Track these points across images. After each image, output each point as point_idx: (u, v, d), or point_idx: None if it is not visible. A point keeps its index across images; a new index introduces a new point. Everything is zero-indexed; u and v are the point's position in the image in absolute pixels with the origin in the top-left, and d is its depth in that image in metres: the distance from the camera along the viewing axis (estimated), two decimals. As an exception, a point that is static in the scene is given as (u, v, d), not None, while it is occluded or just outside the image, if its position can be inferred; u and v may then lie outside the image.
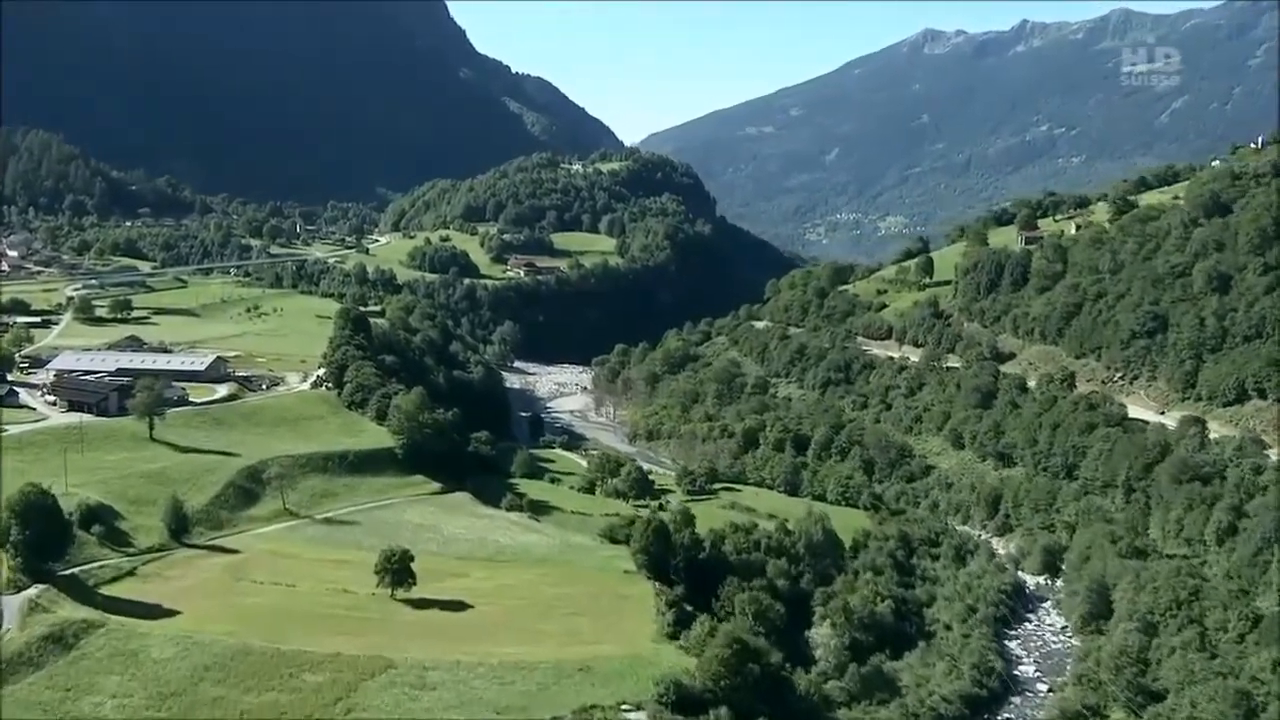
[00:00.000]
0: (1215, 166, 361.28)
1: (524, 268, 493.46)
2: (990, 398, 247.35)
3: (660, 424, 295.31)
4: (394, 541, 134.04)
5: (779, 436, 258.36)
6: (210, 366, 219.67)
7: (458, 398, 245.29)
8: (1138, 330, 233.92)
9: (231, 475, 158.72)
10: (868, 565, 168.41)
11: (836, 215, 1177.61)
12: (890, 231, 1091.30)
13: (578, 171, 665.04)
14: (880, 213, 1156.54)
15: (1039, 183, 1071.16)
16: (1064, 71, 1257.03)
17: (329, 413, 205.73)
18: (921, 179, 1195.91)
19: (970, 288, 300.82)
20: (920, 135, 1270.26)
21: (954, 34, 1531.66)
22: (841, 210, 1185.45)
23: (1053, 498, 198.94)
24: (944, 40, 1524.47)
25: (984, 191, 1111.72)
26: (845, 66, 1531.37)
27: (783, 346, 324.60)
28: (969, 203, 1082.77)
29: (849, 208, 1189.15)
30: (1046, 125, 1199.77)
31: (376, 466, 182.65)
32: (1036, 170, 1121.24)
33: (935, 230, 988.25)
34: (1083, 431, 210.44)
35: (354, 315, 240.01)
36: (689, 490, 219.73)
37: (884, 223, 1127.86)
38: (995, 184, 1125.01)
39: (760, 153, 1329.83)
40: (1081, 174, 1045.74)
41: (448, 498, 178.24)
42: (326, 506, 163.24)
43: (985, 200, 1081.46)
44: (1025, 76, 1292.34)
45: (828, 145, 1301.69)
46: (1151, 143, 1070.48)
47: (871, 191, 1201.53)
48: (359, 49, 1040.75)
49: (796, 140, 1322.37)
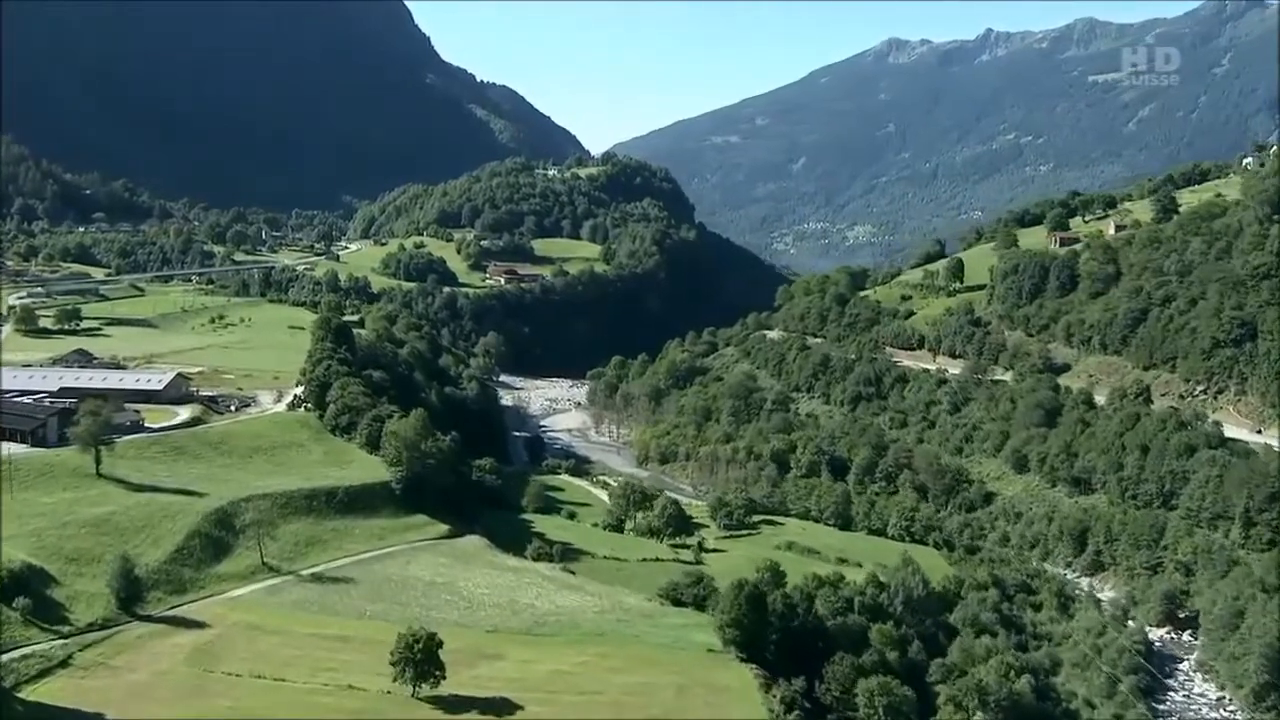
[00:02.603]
0: (1249, 164, 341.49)
1: (505, 275, 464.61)
2: (1054, 415, 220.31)
3: (674, 445, 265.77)
4: (402, 604, 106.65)
5: (812, 459, 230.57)
6: (170, 385, 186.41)
7: (452, 418, 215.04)
8: (1221, 338, 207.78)
9: (196, 522, 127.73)
10: (969, 621, 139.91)
11: (804, 224, 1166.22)
12: (858, 240, 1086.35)
13: (555, 176, 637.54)
14: (848, 222, 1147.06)
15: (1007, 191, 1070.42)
16: (1029, 80, 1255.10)
17: (311, 439, 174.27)
18: (888, 188, 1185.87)
19: (1010, 293, 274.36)
20: (886, 144, 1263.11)
21: (919, 43, 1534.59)
22: (809, 219, 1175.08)
23: (1158, 532, 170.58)
24: (909, 49, 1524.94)
25: (952, 200, 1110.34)
26: (811, 75, 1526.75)
27: (803, 358, 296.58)
28: (936, 211, 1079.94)
29: (816, 217, 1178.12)
30: (1013, 134, 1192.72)
31: (371, 505, 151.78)
32: (1004, 179, 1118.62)
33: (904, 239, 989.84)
34: (1180, 454, 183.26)
35: (335, 325, 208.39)
36: (725, 525, 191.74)
37: (852, 232, 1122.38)
38: (963, 193, 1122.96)
39: (726, 162, 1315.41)
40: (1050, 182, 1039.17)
41: (458, 544, 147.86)
42: (314, 558, 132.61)
43: (954, 209, 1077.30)
44: (990, 85, 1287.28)
45: (794, 154, 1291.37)
46: (1119, 150, 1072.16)
47: (839, 200, 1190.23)
48: (323, 54, 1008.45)
49: (763, 150, 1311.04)
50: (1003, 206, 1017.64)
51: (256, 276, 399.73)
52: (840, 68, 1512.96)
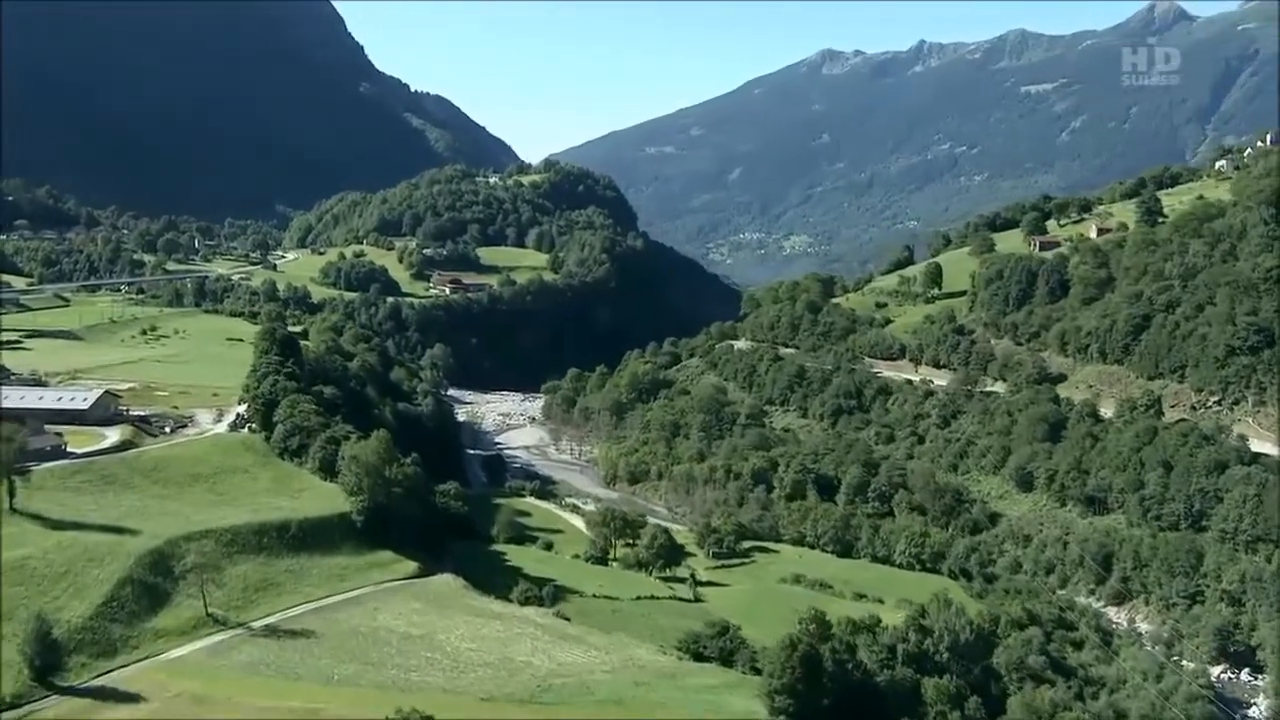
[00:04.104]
0: (1222, 166, 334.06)
1: (450, 285, 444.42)
2: (1058, 429, 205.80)
3: (643, 463, 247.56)
4: (375, 664, 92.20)
5: (797, 479, 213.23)
6: (96, 404, 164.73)
7: (408, 437, 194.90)
8: (1237, 346, 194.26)
9: (128, 566, 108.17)
10: (1014, 665, 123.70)
11: (740, 235, 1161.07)
12: (795, 250, 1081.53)
13: (497, 184, 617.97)
14: (784, 232, 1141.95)
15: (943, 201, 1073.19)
16: (963, 91, 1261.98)
17: (256, 464, 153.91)
18: (824, 198, 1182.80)
19: (995, 300, 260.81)
20: (821, 154, 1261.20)
21: (852, 54, 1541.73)
22: (745, 230, 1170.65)
23: (1195, 558, 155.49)
24: (842, 60, 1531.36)
25: (887, 210, 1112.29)
26: (745, 86, 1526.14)
27: (776, 370, 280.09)
28: (873, 221, 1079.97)
29: (752, 227, 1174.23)
30: (948, 144, 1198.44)
31: (328, 540, 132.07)
32: (940, 188, 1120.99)
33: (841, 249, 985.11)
34: (1209, 471, 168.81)
35: (281, 336, 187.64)
36: (715, 553, 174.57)
37: (788, 242, 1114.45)
38: (899, 202, 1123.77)
39: (662, 173, 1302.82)
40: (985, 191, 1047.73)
41: (431, 585, 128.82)
42: (266, 606, 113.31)
43: (889, 219, 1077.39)
44: (924, 96, 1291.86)
45: (729, 165, 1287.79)
46: (1052, 161, 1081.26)
47: (774, 211, 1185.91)
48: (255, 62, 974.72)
49: (698, 160, 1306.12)
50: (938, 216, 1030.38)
51: (190, 286, 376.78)
52: (774, 78, 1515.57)
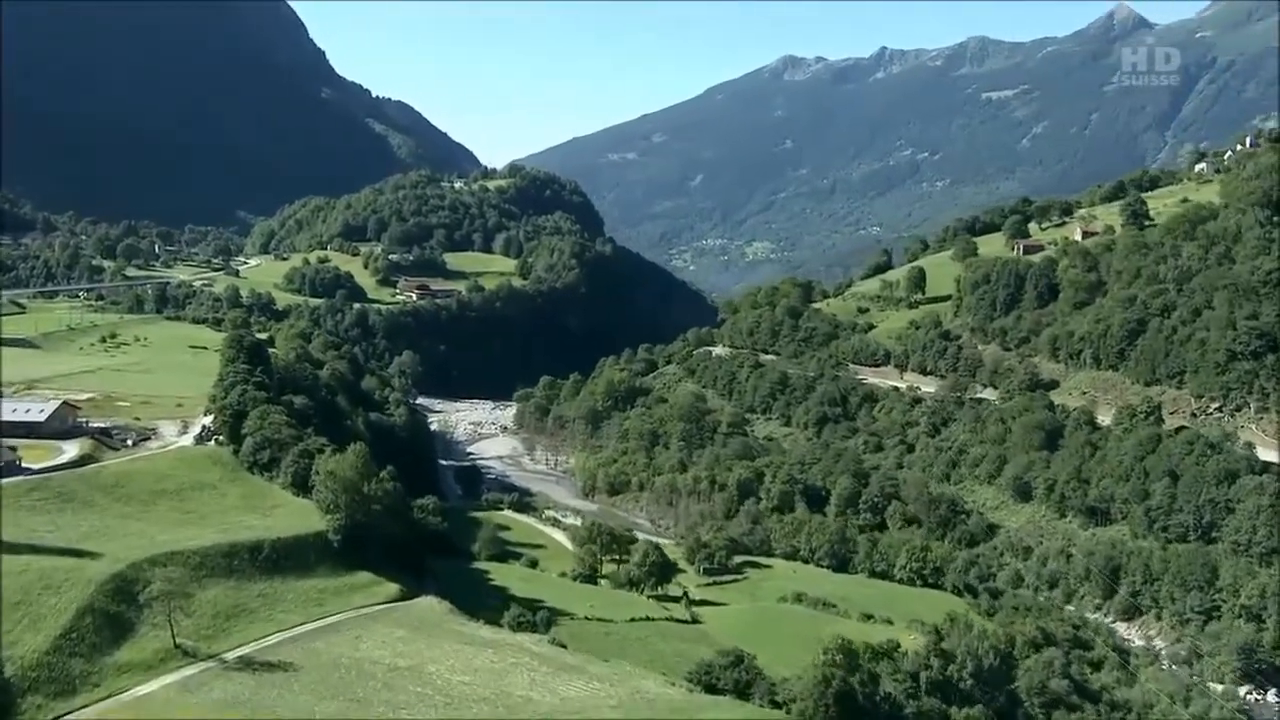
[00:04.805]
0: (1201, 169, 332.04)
1: (417, 290, 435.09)
2: (1054, 437, 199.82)
3: (623, 474, 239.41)
4: (360, 701, 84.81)
5: (784, 490, 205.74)
6: (54, 416, 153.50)
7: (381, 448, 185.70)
8: (1238, 351, 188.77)
9: (89, 594, 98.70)
10: (1036, 689, 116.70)
11: (702, 241, 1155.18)
12: (758, 257, 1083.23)
13: (463, 188, 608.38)
14: (746, 238, 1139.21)
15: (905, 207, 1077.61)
16: (924, 97, 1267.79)
17: (225, 479, 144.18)
18: (786, 204, 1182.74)
19: (982, 304, 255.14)
20: (783, 160, 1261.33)
21: (814, 60, 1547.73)
22: (707, 236, 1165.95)
23: (1210, 572, 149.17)
24: (804, 67, 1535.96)
25: (850, 216, 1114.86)
26: (707, 92, 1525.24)
27: (757, 377, 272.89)
28: (835, 227, 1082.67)
29: (715, 233, 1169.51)
30: (910, 150, 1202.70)
31: (303, 562, 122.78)
32: (902, 194, 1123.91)
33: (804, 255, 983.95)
34: (1219, 481, 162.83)
35: (249, 343, 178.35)
36: (706, 569, 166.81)
37: (750, 248, 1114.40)
38: (861, 208, 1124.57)
39: (624, 179, 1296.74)
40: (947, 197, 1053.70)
41: (415, 609, 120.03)
42: (239, 635, 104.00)
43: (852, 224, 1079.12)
44: (886, 102, 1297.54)
45: (691, 171, 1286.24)
46: (1014, 167, 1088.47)
47: (736, 217, 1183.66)
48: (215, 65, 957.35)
49: (660, 166, 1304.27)
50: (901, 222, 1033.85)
51: (151, 292, 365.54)
52: (736, 85, 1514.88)
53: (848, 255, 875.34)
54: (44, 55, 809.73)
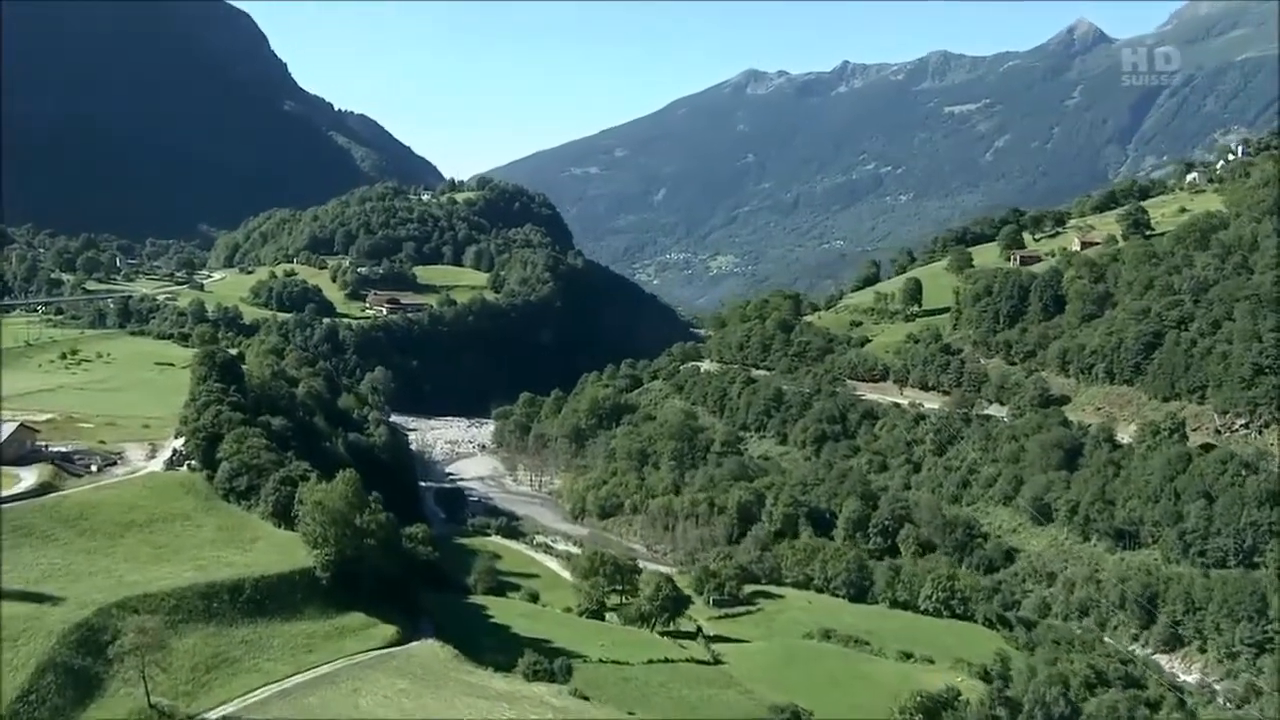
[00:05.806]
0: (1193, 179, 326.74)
1: (387, 304, 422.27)
2: (1073, 456, 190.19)
3: (614, 496, 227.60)
4: None
5: (787, 512, 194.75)
6: (10, 439, 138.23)
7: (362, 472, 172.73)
8: (1265, 364, 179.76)
9: (49, 647, 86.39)
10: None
11: (666, 255, 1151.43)
12: (722, 270, 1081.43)
13: (431, 201, 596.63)
14: (710, 252, 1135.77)
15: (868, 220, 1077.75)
16: (887, 111, 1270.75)
17: (199, 509, 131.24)
18: (750, 218, 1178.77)
19: (985, 317, 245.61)
20: (746, 174, 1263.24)
21: (776, 74, 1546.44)
22: (671, 250, 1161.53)
23: (1261, 600, 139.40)
24: (766, 81, 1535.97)
25: (814, 230, 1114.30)
26: (669, 106, 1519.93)
27: (750, 393, 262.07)
28: (799, 241, 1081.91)
29: (678, 248, 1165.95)
30: (873, 164, 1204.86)
31: (289, 602, 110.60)
32: (865, 208, 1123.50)
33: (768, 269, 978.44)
34: (1261, 503, 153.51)
35: (221, 359, 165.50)
36: (716, 600, 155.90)
37: (714, 262, 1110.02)
38: (825, 222, 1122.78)
39: (586, 194, 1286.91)
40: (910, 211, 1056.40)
41: (415, 654, 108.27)
42: (222, 691, 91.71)
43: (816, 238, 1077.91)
44: (848, 116, 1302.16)
45: (654, 185, 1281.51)
46: (977, 181, 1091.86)
47: (700, 231, 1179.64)
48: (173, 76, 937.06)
49: (622, 181, 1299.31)
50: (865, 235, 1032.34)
51: (113, 306, 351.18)
52: (698, 99, 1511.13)
53: (813, 269, 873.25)
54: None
